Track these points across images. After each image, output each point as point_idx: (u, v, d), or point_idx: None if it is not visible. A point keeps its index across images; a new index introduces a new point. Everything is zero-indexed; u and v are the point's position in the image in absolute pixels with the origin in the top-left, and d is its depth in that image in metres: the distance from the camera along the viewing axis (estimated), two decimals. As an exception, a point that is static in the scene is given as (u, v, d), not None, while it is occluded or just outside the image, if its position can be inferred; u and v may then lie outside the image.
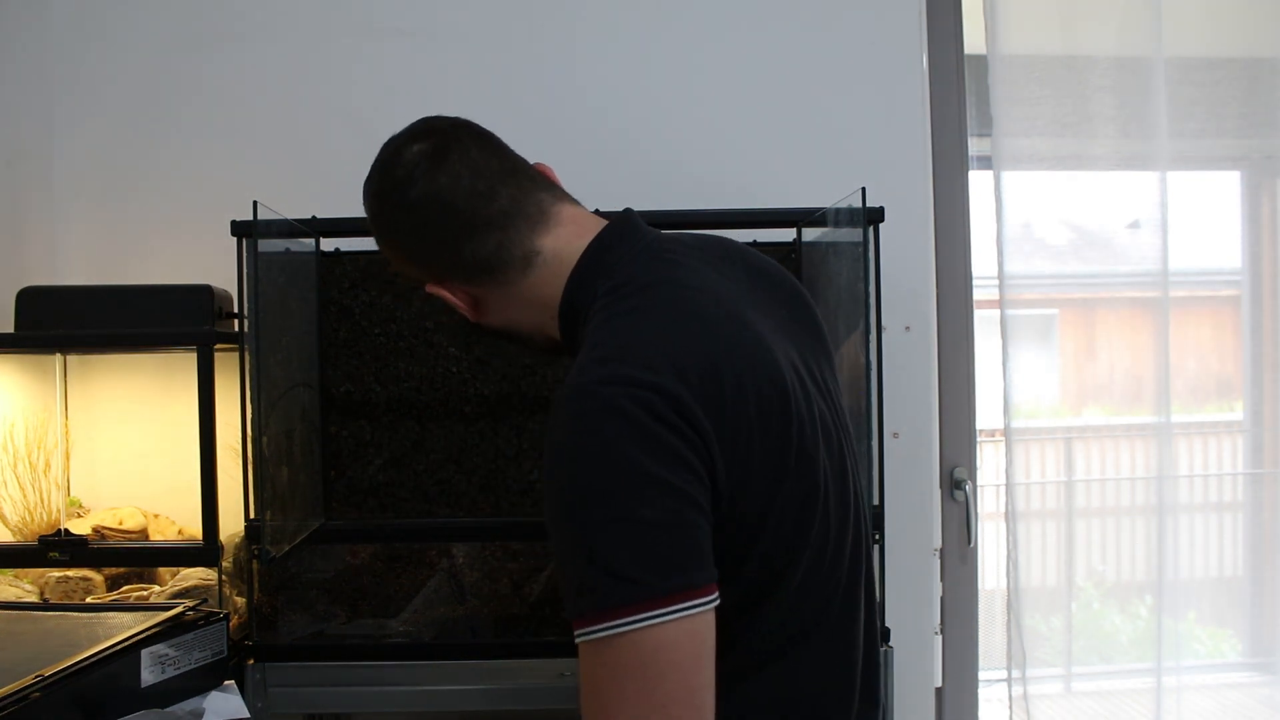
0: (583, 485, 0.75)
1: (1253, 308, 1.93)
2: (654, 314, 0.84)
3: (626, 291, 0.86)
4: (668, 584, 0.73)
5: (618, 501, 0.74)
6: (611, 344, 0.81)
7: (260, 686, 1.34)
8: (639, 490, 0.74)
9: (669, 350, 0.79)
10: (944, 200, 1.78)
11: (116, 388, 1.62)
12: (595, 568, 0.73)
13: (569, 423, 0.76)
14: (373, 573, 1.45)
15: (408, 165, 0.92)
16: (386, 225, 0.97)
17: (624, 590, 0.72)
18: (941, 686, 1.76)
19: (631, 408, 0.75)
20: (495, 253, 0.92)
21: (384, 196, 0.95)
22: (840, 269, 1.36)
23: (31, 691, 0.95)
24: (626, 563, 0.73)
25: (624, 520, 0.73)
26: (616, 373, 0.77)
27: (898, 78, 1.70)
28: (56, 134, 1.70)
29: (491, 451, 1.47)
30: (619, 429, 0.75)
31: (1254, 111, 1.84)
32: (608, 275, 0.89)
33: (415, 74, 1.69)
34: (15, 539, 1.47)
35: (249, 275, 1.25)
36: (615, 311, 0.85)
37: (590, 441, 0.75)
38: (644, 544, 0.73)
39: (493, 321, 0.98)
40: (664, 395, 0.76)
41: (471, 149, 0.93)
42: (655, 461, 0.74)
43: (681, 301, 0.85)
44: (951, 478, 1.79)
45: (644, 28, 1.71)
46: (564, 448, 0.76)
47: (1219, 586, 2.02)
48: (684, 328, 0.82)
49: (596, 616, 0.73)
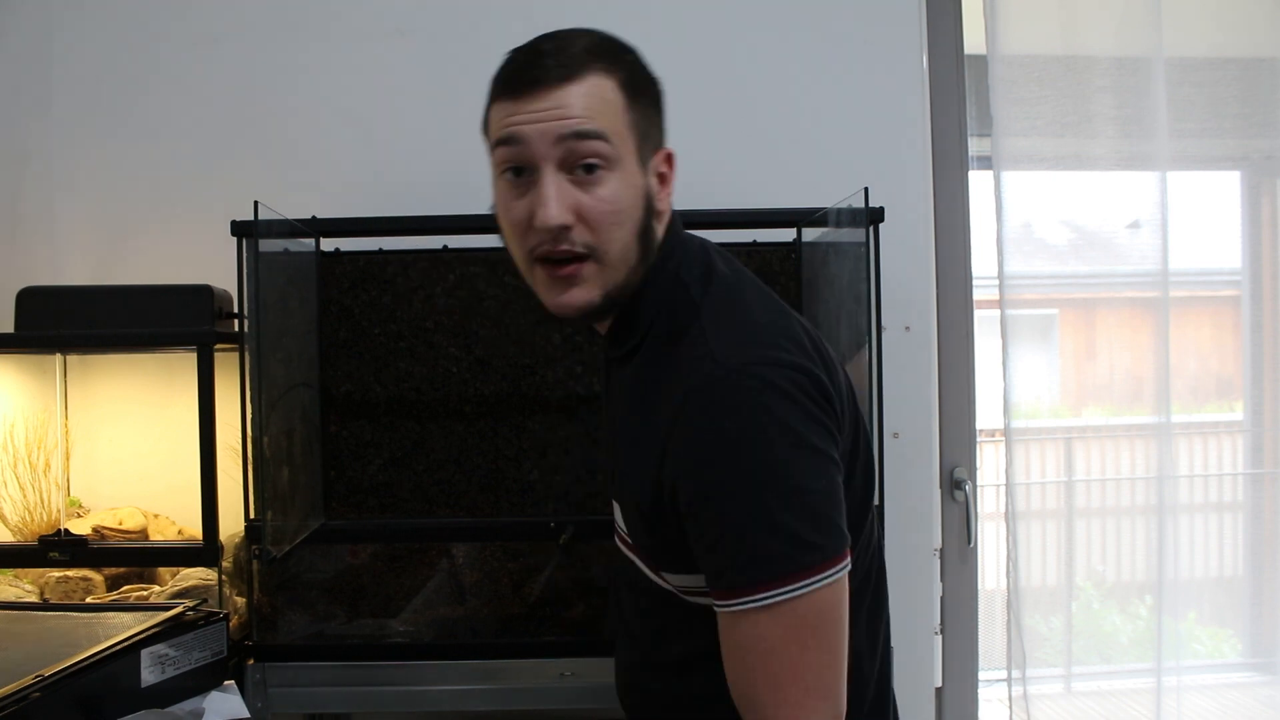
0: (756, 460, 0.80)
1: (1253, 308, 1.93)
2: (758, 304, 0.90)
3: (720, 284, 0.91)
4: (834, 545, 0.81)
5: (791, 473, 0.80)
6: (742, 331, 0.86)
7: (260, 686, 1.34)
8: (807, 461, 0.81)
9: (791, 335, 0.86)
10: (944, 200, 1.78)
11: (116, 388, 1.62)
12: (777, 535, 0.79)
13: (730, 402, 0.81)
14: (373, 573, 1.45)
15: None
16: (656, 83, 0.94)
17: (807, 555, 0.79)
18: (941, 686, 1.76)
19: (788, 387, 0.81)
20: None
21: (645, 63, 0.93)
22: (841, 269, 1.36)
23: (31, 691, 0.95)
24: (808, 530, 0.79)
25: (799, 490, 0.80)
26: (764, 354, 0.83)
27: (898, 78, 1.70)
28: (57, 134, 1.70)
29: (491, 451, 1.47)
30: (784, 406, 0.81)
31: (1254, 111, 1.84)
32: (686, 262, 0.93)
33: (415, 74, 1.69)
34: (15, 539, 1.47)
35: (249, 275, 1.25)
36: (724, 302, 0.89)
37: (758, 418, 0.80)
38: (819, 511, 0.81)
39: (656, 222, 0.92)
40: (808, 375, 0.83)
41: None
42: (814, 435, 0.82)
43: (767, 293, 0.93)
44: (951, 478, 1.79)
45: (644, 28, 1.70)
46: (729, 425, 0.80)
47: (1219, 586, 2.02)
48: (786, 315, 0.90)
49: (778, 581, 0.79)
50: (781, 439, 0.80)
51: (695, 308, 0.89)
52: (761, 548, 0.79)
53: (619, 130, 0.86)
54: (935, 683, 1.73)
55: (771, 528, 0.79)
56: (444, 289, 1.48)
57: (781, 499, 0.79)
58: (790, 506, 0.79)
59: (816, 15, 1.70)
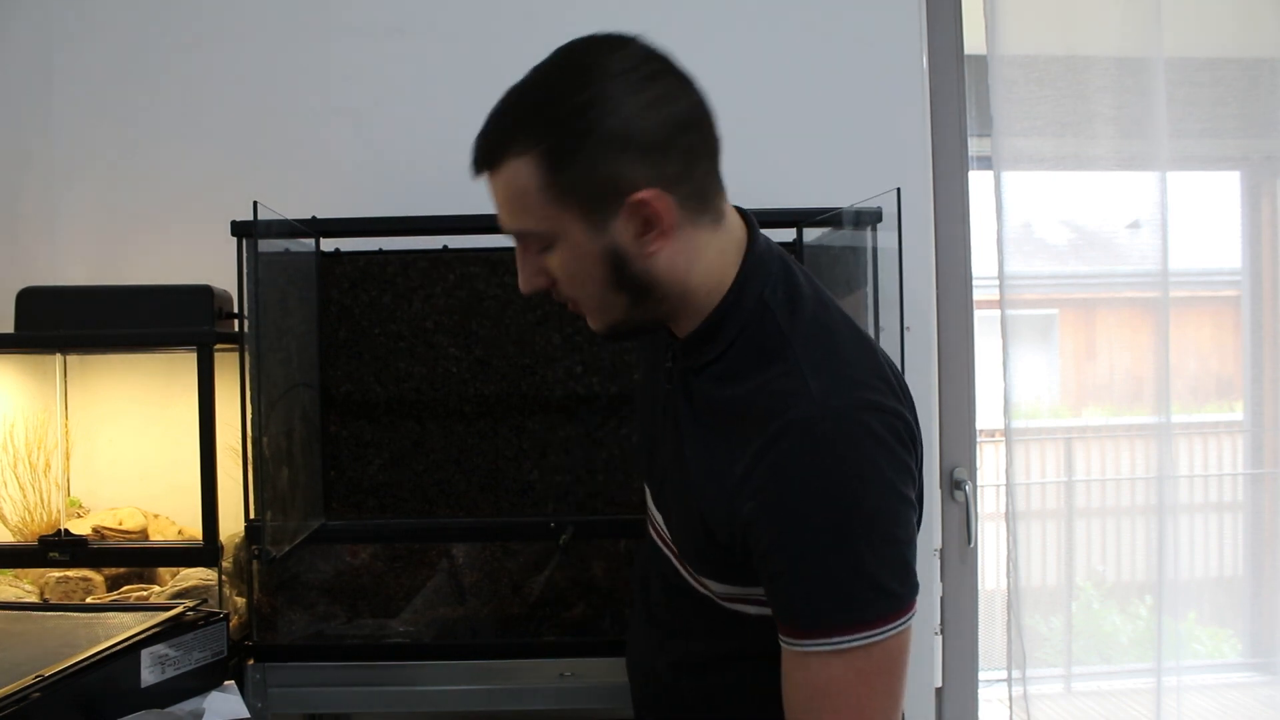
0: (850, 506, 0.79)
1: (1253, 308, 1.93)
2: (844, 334, 0.89)
3: (805, 309, 0.89)
4: (912, 592, 0.82)
5: (883, 522, 0.80)
6: (834, 368, 0.84)
7: (260, 686, 1.34)
8: (897, 511, 0.81)
9: (880, 374, 0.86)
10: (944, 200, 1.78)
11: (116, 388, 1.62)
12: (862, 582, 0.79)
13: (831, 448, 0.80)
14: (373, 573, 1.45)
15: (661, 58, 0.86)
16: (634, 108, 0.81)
17: (887, 603, 0.79)
18: (941, 686, 1.76)
19: (884, 433, 0.81)
20: (713, 189, 0.88)
21: (641, 80, 0.83)
22: (855, 270, 1.36)
23: (31, 691, 0.95)
24: (891, 578, 0.80)
25: (889, 541, 0.80)
26: (861, 398, 0.82)
27: (898, 78, 1.70)
28: (57, 134, 1.70)
29: (491, 451, 1.47)
30: (878, 453, 0.81)
31: (1254, 112, 1.84)
32: (770, 285, 0.89)
33: (415, 74, 1.69)
34: (15, 539, 1.47)
35: (249, 275, 1.25)
36: (813, 330, 0.87)
37: (858, 466, 0.80)
38: (901, 559, 0.81)
39: (654, 264, 0.85)
40: (897, 417, 0.83)
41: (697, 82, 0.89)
42: (904, 483, 0.82)
43: (849, 319, 0.91)
44: (951, 478, 1.79)
45: (643, 28, 1.70)
46: (827, 469, 0.80)
47: (1219, 586, 2.02)
48: (871, 348, 0.90)
49: (858, 627, 0.79)
50: (878, 487, 0.80)
51: (784, 335, 0.86)
52: (845, 594, 0.79)
53: (543, 213, 0.83)
54: (935, 683, 1.73)
55: (859, 575, 0.79)
56: (444, 289, 1.48)
57: (873, 548, 0.79)
58: (879, 555, 0.80)
59: (816, 15, 1.70)
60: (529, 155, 0.81)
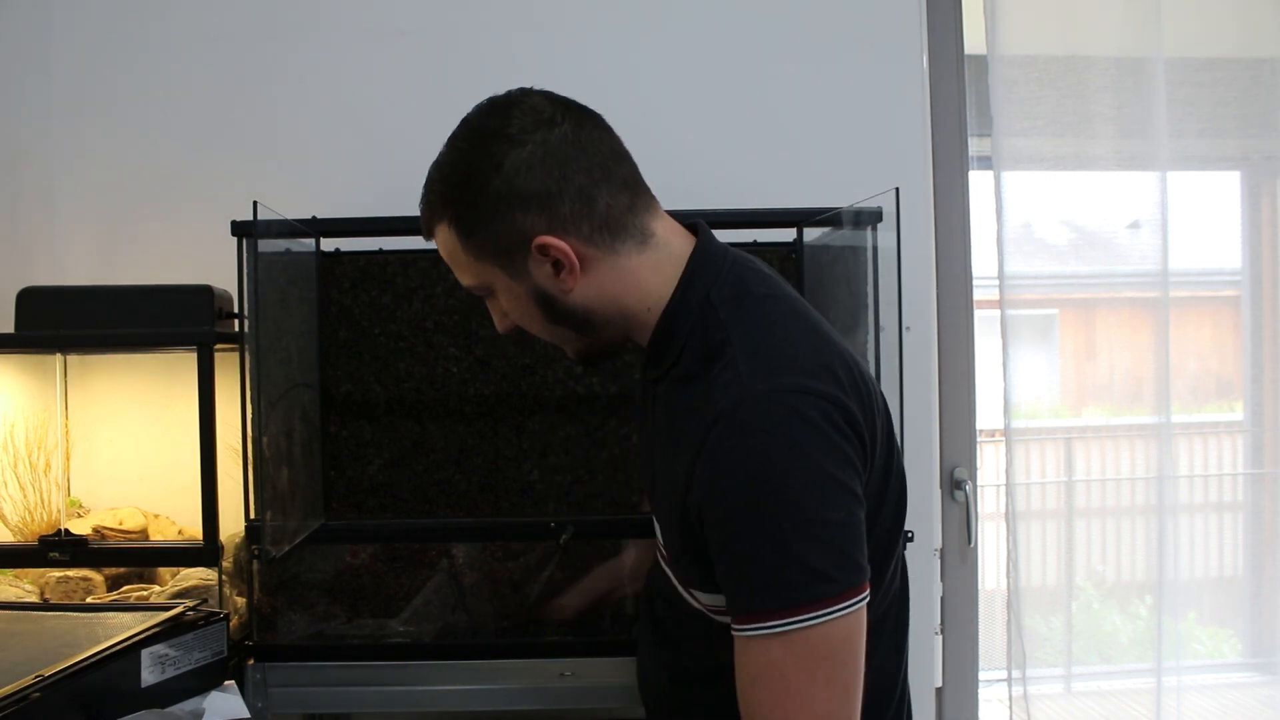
0: (775, 488, 0.80)
1: (1253, 308, 1.93)
2: (790, 325, 0.89)
3: (750, 304, 0.90)
4: (850, 578, 0.81)
5: (809, 503, 0.80)
6: (771, 355, 0.85)
7: (260, 686, 1.34)
8: (826, 492, 0.81)
9: (822, 360, 0.85)
10: (944, 200, 1.78)
11: (116, 388, 1.62)
12: (791, 564, 0.79)
13: (753, 429, 0.81)
14: (373, 573, 1.45)
15: (540, 110, 0.90)
16: (512, 165, 0.87)
17: (820, 586, 0.79)
18: (941, 686, 1.76)
19: (812, 414, 0.81)
20: (624, 215, 0.91)
21: (513, 136, 0.87)
22: (856, 269, 1.36)
23: (31, 691, 0.95)
24: (819, 560, 0.79)
25: (816, 522, 0.80)
26: (790, 382, 0.82)
27: (898, 78, 1.70)
28: (56, 134, 1.70)
29: (491, 451, 1.47)
30: (805, 434, 0.80)
31: (1254, 112, 1.84)
32: (716, 284, 0.91)
33: (416, 74, 1.69)
34: (15, 539, 1.47)
35: (249, 275, 1.25)
36: (753, 323, 0.88)
37: (779, 446, 0.80)
38: (834, 543, 0.80)
39: (580, 298, 0.91)
40: (834, 403, 0.82)
41: (597, 116, 0.94)
42: (834, 465, 0.81)
43: (803, 312, 0.91)
44: (951, 478, 1.79)
45: (643, 28, 1.71)
46: (749, 452, 0.81)
47: (1219, 586, 2.02)
48: (818, 337, 0.89)
49: (790, 610, 0.79)
50: (802, 468, 0.80)
51: (726, 331, 0.88)
52: (775, 575, 0.80)
53: (473, 269, 0.92)
54: (935, 683, 1.73)
55: (785, 556, 0.79)
56: (444, 289, 1.48)
57: (798, 528, 0.79)
58: (806, 537, 0.79)
59: (816, 15, 1.70)
60: (445, 223, 0.91)
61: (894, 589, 0.98)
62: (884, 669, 0.97)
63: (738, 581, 0.83)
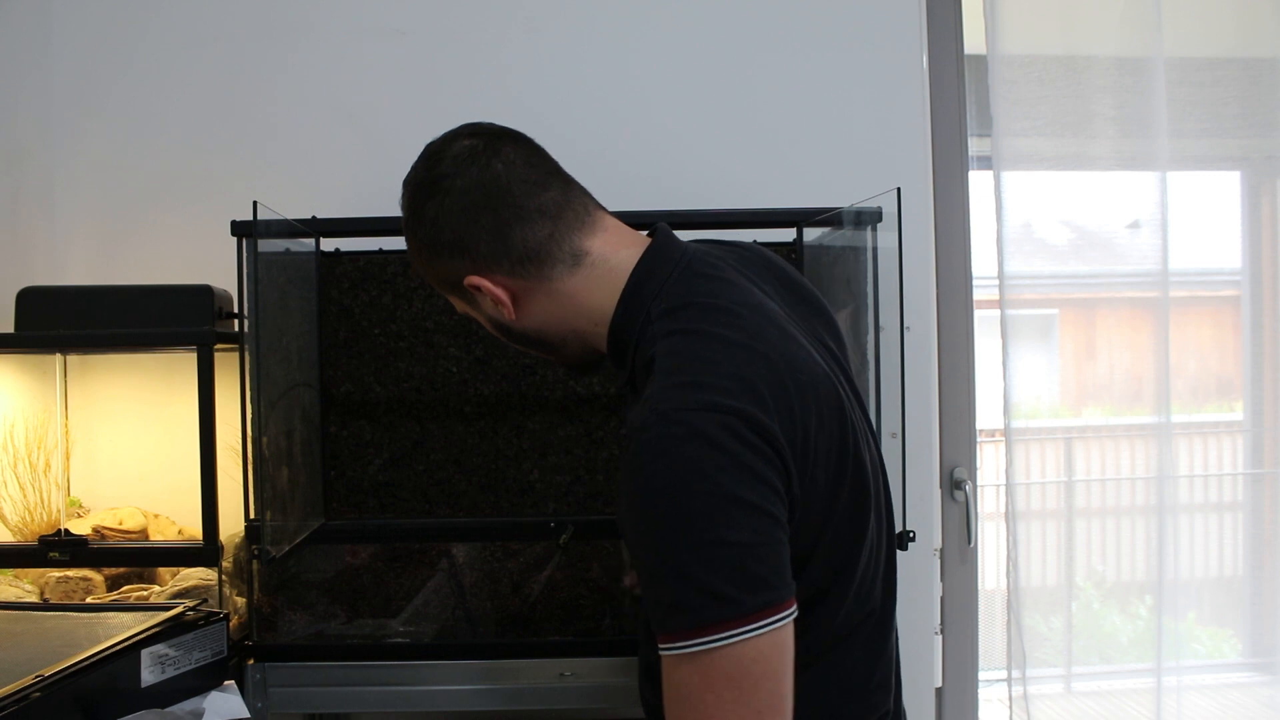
0: (672, 509, 0.78)
1: (1253, 308, 1.93)
2: (719, 337, 0.86)
3: (685, 315, 0.88)
4: (758, 600, 0.78)
5: (706, 525, 0.78)
6: (685, 370, 0.83)
7: (260, 686, 1.34)
8: (726, 513, 0.78)
9: (741, 373, 0.82)
10: (944, 200, 1.78)
11: (116, 388, 1.62)
12: (690, 587, 0.78)
13: (655, 449, 0.79)
14: (373, 573, 1.46)
15: (459, 155, 0.92)
16: (430, 215, 0.92)
17: (719, 608, 0.77)
18: (941, 686, 1.76)
19: (715, 432, 0.78)
20: (545, 243, 0.92)
21: (431, 185, 0.93)
22: (856, 269, 1.36)
23: (31, 691, 0.95)
24: (720, 582, 0.77)
25: (713, 543, 0.77)
26: (697, 399, 0.80)
27: (898, 78, 1.70)
28: (56, 134, 1.70)
29: (491, 451, 1.47)
30: (704, 454, 0.78)
31: (1254, 111, 1.84)
32: (659, 295, 0.90)
33: (415, 74, 1.69)
34: (15, 539, 1.47)
35: (249, 275, 1.25)
36: (679, 335, 0.87)
37: (678, 467, 0.78)
38: (734, 564, 0.78)
39: (527, 324, 0.96)
40: (744, 418, 0.79)
41: (522, 144, 0.95)
42: (740, 485, 0.78)
43: (740, 322, 0.88)
44: (951, 478, 1.79)
45: (643, 27, 1.71)
46: (652, 473, 0.79)
47: (1219, 586, 2.02)
48: (749, 348, 0.85)
49: (694, 632, 0.77)
50: (698, 489, 0.78)
51: (655, 343, 0.87)
52: (677, 597, 0.78)
53: (439, 283, 0.98)
54: (935, 683, 1.73)
55: (685, 579, 0.78)
56: (444, 289, 1.48)
57: (696, 551, 0.77)
58: (705, 559, 0.77)
59: (816, 15, 1.70)
60: (416, 242, 0.97)
61: (870, 604, 0.94)
62: (847, 684, 0.94)
63: (650, 602, 0.82)
